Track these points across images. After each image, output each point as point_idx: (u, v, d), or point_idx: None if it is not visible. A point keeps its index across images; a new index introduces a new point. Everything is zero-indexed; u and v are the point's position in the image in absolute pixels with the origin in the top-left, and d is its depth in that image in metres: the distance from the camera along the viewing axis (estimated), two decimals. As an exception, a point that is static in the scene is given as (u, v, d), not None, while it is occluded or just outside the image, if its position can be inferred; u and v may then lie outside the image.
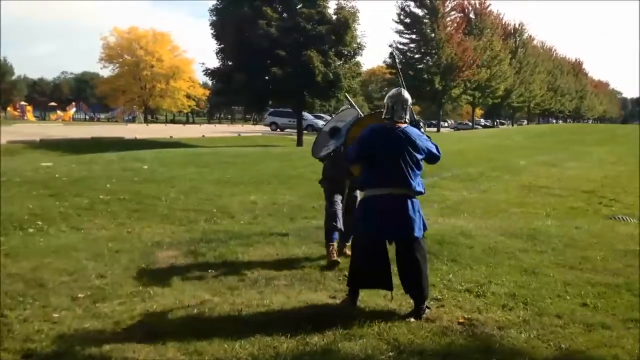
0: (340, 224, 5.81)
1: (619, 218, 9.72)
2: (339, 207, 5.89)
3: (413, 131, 4.47)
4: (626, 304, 4.72)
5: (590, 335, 4.06)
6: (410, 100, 4.58)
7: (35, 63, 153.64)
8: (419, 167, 4.44)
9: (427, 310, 4.37)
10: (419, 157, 4.41)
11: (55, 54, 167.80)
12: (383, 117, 4.55)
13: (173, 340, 3.86)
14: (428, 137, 4.65)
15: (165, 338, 3.89)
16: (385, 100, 4.59)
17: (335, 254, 5.80)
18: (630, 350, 3.80)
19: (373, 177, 4.44)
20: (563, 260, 6.08)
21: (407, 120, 4.52)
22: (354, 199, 5.91)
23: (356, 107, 6.16)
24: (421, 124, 4.96)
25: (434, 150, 4.55)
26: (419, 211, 4.43)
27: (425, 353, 3.73)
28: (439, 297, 4.83)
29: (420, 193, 4.45)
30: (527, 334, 4.06)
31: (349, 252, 5.50)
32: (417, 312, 4.34)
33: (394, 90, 4.64)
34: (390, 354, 3.72)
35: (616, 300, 4.82)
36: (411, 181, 4.36)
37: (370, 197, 4.48)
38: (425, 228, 4.51)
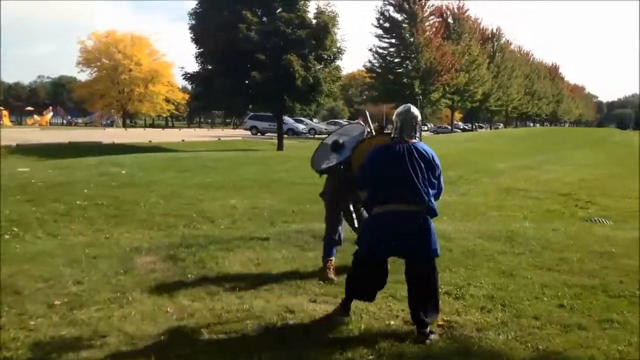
0: (340, 240, 5.80)
1: (595, 220, 9.85)
2: (340, 222, 5.84)
3: (428, 149, 4.30)
4: (602, 305, 4.78)
5: (567, 336, 4.11)
6: (420, 117, 4.41)
7: (10, 65, 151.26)
8: (433, 186, 4.25)
9: (432, 336, 4.07)
10: (433, 174, 4.24)
11: (32, 57, 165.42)
12: (392, 136, 4.41)
13: (152, 346, 3.83)
14: None
15: (144, 345, 3.86)
16: (393, 118, 4.42)
17: (332, 270, 5.60)
18: (606, 350, 3.85)
19: (382, 194, 4.23)
20: (540, 262, 6.15)
21: (416, 139, 4.35)
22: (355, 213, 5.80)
23: (370, 122, 5.89)
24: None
25: (441, 185, 4.37)
26: (432, 229, 4.25)
27: (405, 356, 3.75)
28: (418, 300, 4.85)
29: (434, 212, 4.24)
30: (505, 336, 4.10)
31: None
32: (423, 336, 4.04)
33: (401, 108, 4.47)
34: (371, 357, 3.73)
35: (592, 301, 4.89)
36: (426, 197, 4.17)
37: (382, 213, 4.24)
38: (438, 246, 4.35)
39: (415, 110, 4.40)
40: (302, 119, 46.41)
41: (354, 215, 5.82)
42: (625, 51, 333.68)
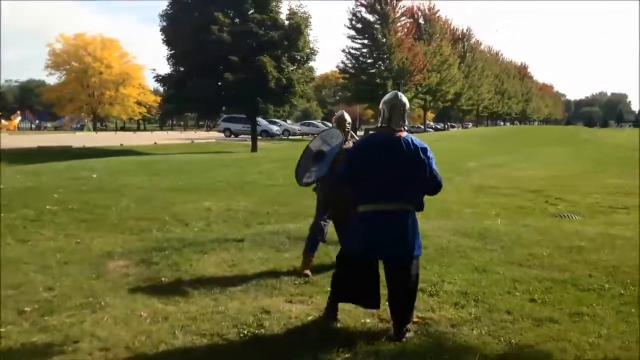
0: (324, 238, 5.88)
1: (564, 216, 10.03)
2: (326, 221, 5.87)
3: (418, 142, 4.04)
4: (572, 299, 4.88)
5: (539, 330, 4.18)
6: (408, 105, 4.15)
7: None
8: (422, 182, 4.04)
9: (407, 334, 4.03)
10: (423, 170, 4.00)
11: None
12: (379, 125, 4.14)
13: (125, 351, 3.79)
14: None
15: (117, 349, 3.81)
16: (380, 107, 4.15)
17: (309, 268, 5.66)
18: (576, 343, 3.93)
19: (369, 192, 4.02)
20: (512, 258, 6.25)
21: (406, 128, 4.11)
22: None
23: (346, 126, 5.77)
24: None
25: (439, 178, 4.12)
26: (417, 227, 4.13)
27: (381, 353, 3.77)
28: (393, 297, 4.88)
29: (420, 208, 4.14)
30: (478, 331, 4.15)
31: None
32: (399, 334, 4.02)
33: (389, 95, 4.20)
34: (346, 355, 3.75)
35: (563, 295, 4.98)
36: (412, 195, 4.03)
37: (367, 212, 4.02)
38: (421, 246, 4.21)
39: (403, 97, 4.16)
40: (276, 120, 46.29)
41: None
42: (592, 50, 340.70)
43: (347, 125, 5.81)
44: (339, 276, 4.30)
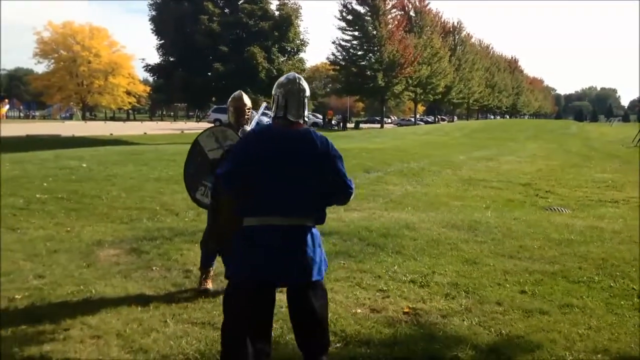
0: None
1: (554, 209, 10.11)
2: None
3: (321, 138, 3.22)
4: (562, 290, 4.92)
5: (529, 321, 4.21)
6: (308, 91, 3.36)
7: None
8: (325, 189, 3.19)
9: None
10: (328, 172, 3.17)
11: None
12: (272, 115, 3.29)
13: (117, 339, 3.78)
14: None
15: (108, 337, 3.80)
16: (273, 92, 3.34)
17: (210, 281, 4.97)
18: (566, 334, 3.96)
19: (256, 202, 3.12)
20: (502, 250, 6.29)
21: (306, 120, 3.31)
22: None
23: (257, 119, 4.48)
24: (334, 121, 3.45)
25: (348, 182, 3.24)
26: (319, 246, 3.23)
27: (372, 343, 3.79)
28: (384, 288, 4.91)
29: (321, 221, 3.26)
30: (469, 321, 4.18)
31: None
32: None
33: (285, 77, 3.40)
34: (338, 345, 3.76)
35: (552, 286, 5.02)
36: (312, 206, 3.17)
37: (251, 228, 3.13)
38: (326, 267, 3.32)
39: (303, 81, 3.35)
40: (267, 111, 46.04)
41: None
42: (582, 45, 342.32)
43: (247, 111, 4.77)
44: (226, 321, 3.24)
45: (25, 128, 32.71)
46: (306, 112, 3.29)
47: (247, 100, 4.79)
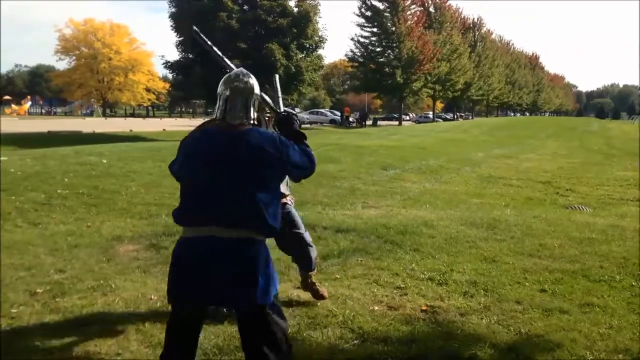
0: None
1: (574, 207, 9.99)
2: None
3: (266, 137, 2.81)
4: (582, 289, 4.85)
5: (549, 320, 4.17)
6: (257, 90, 2.96)
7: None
8: (273, 192, 2.81)
9: None
10: (279, 168, 2.80)
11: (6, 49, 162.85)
12: (215, 117, 2.95)
13: (136, 333, 3.82)
14: (302, 134, 3.07)
15: (127, 331, 3.84)
16: (218, 91, 2.95)
17: None
18: (587, 333, 3.91)
19: (196, 209, 2.77)
20: (522, 248, 6.22)
21: (253, 122, 2.90)
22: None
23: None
24: (296, 117, 3.29)
25: (306, 160, 2.92)
26: (266, 263, 2.77)
27: (389, 340, 3.77)
28: (402, 285, 4.89)
29: (272, 233, 2.83)
30: (487, 320, 4.15)
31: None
32: None
33: (230, 75, 2.99)
34: (355, 342, 3.75)
35: (573, 285, 4.96)
36: (257, 215, 2.71)
37: (189, 240, 2.78)
38: (276, 288, 2.83)
39: (251, 80, 2.95)
40: (286, 108, 46.19)
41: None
42: (604, 41, 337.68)
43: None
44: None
45: (47, 124, 33.13)
46: (253, 114, 2.90)
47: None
